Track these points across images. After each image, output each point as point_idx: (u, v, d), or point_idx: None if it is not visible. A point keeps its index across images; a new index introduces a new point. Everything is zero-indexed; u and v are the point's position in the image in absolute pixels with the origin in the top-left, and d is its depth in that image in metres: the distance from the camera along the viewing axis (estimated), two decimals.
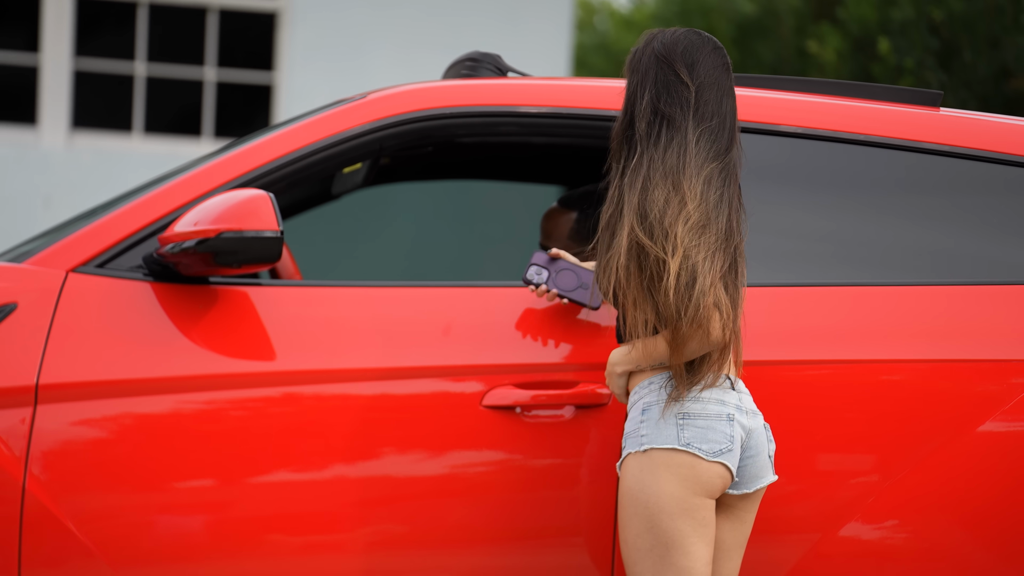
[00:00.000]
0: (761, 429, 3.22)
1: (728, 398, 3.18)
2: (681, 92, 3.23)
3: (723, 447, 3.14)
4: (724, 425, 3.15)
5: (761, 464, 3.21)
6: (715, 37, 3.29)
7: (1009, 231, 3.62)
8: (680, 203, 3.14)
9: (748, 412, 3.20)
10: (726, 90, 3.27)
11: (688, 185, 3.15)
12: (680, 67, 3.24)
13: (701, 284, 3.10)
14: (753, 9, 13.29)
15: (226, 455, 3.37)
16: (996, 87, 8.83)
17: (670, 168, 3.17)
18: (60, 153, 9.31)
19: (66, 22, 9.34)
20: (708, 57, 3.27)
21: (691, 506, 3.13)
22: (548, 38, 9.64)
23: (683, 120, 3.20)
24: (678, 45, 3.27)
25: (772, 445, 3.25)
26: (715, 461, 3.13)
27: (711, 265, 3.12)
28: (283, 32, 9.55)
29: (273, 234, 3.31)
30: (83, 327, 3.38)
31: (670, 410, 3.15)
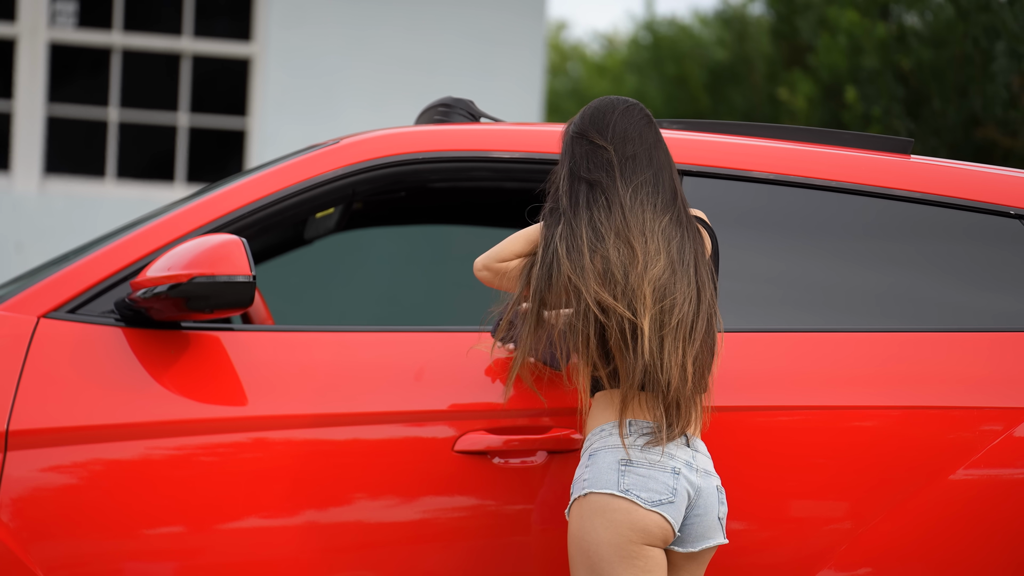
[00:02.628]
0: (713, 490, 3.20)
1: (679, 453, 3.17)
2: (601, 155, 3.26)
3: (663, 498, 3.13)
4: (667, 476, 3.14)
5: (708, 524, 3.19)
6: (637, 101, 3.34)
7: (981, 278, 3.64)
8: (641, 262, 3.16)
9: (699, 471, 3.19)
10: (652, 143, 3.29)
11: (640, 244, 3.17)
12: (593, 133, 3.28)
13: (669, 346, 3.12)
14: (725, 56, 13.37)
15: (196, 501, 3.35)
16: (965, 135, 8.89)
17: (619, 229, 3.19)
18: (33, 198, 9.29)
19: (40, 68, 9.34)
20: (621, 117, 3.29)
21: (631, 553, 3.11)
22: (521, 84, 9.67)
23: (610, 181, 3.23)
24: (586, 115, 3.32)
25: (724, 508, 3.22)
26: (653, 510, 3.12)
27: (679, 327, 3.14)
28: (256, 78, 9.57)
29: (245, 279, 3.31)
30: (54, 373, 3.37)
31: (613, 455, 3.14)
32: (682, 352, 3.15)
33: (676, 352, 3.13)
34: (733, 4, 13.92)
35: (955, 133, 8.90)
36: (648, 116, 3.33)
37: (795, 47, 11.96)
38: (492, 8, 9.68)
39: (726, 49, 13.46)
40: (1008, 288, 3.61)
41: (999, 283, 3.63)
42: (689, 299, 3.17)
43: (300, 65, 9.44)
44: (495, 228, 5.10)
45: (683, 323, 3.16)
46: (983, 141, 8.77)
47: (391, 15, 9.52)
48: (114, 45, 9.51)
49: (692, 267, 3.19)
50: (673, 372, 3.13)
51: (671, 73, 13.95)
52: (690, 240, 3.23)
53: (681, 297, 3.16)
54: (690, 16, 15.58)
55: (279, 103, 9.44)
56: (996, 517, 3.44)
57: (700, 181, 3.65)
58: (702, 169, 3.66)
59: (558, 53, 20.80)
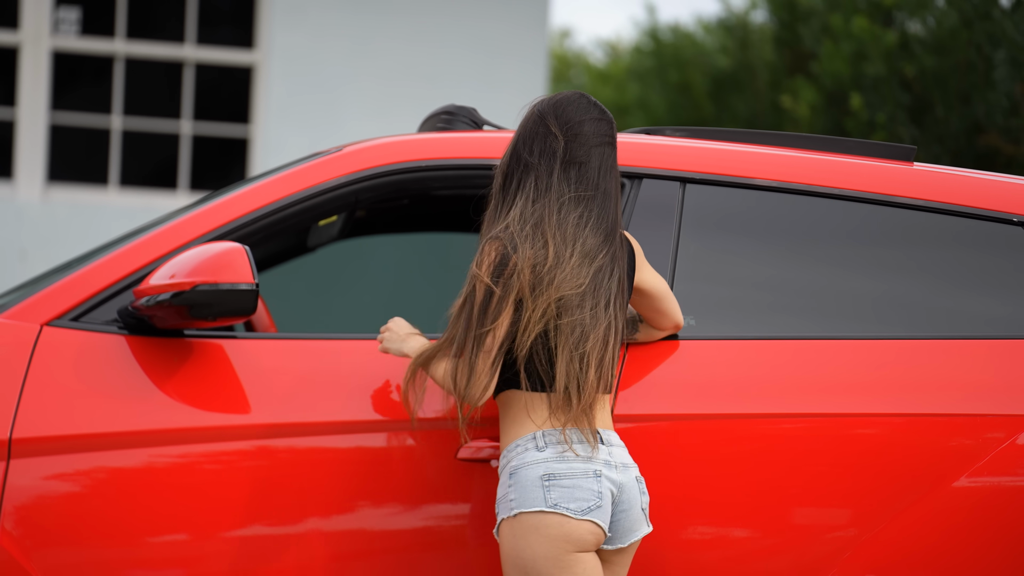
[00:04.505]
0: (633, 483, 3.21)
1: (596, 454, 3.18)
2: (548, 142, 3.26)
3: (591, 504, 3.14)
4: (591, 482, 3.15)
5: (634, 518, 3.21)
6: (602, 106, 3.34)
7: (984, 286, 3.64)
8: (551, 262, 3.16)
9: (618, 466, 3.19)
10: (607, 165, 3.28)
11: (556, 245, 3.17)
12: (551, 119, 3.28)
13: (572, 355, 3.15)
14: (728, 63, 13.37)
15: (200, 509, 3.35)
16: (968, 142, 8.90)
17: (538, 221, 3.20)
18: (36, 206, 9.30)
19: (43, 76, 9.35)
20: (589, 122, 3.27)
21: (567, 563, 3.12)
22: (523, 93, 9.67)
23: (547, 171, 3.24)
24: (557, 101, 3.31)
25: (645, 497, 3.23)
26: (584, 519, 3.13)
27: (581, 339, 3.15)
28: (259, 86, 9.57)
29: (248, 287, 3.31)
30: (57, 381, 3.37)
31: (535, 471, 3.15)
32: (584, 359, 3.15)
33: (575, 361, 3.14)
34: (736, 11, 13.93)
35: (958, 140, 8.90)
36: (612, 138, 3.30)
37: (798, 54, 11.97)
38: (495, 18, 9.69)
39: (729, 56, 13.47)
40: (1011, 295, 3.61)
41: (1002, 290, 3.63)
42: (594, 324, 3.17)
43: (303, 73, 9.45)
44: None
45: (584, 336, 3.16)
46: (986, 148, 8.77)
47: (394, 24, 9.52)
48: (117, 53, 9.52)
49: (606, 298, 3.19)
50: (581, 379, 3.14)
51: (674, 80, 13.96)
52: (613, 273, 3.22)
53: (588, 320, 3.16)
54: (693, 23, 15.59)
55: (282, 111, 9.45)
56: (999, 524, 3.44)
57: (703, 189, 3.65)
58: (705, 177, 3.66)
59: (561, 61, 20.82)
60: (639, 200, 3.62)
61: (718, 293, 3.60)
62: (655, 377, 3.48)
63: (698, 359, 3.51)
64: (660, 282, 3.42)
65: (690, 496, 3.42)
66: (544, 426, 3.18)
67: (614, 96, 17.03)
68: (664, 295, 3.42)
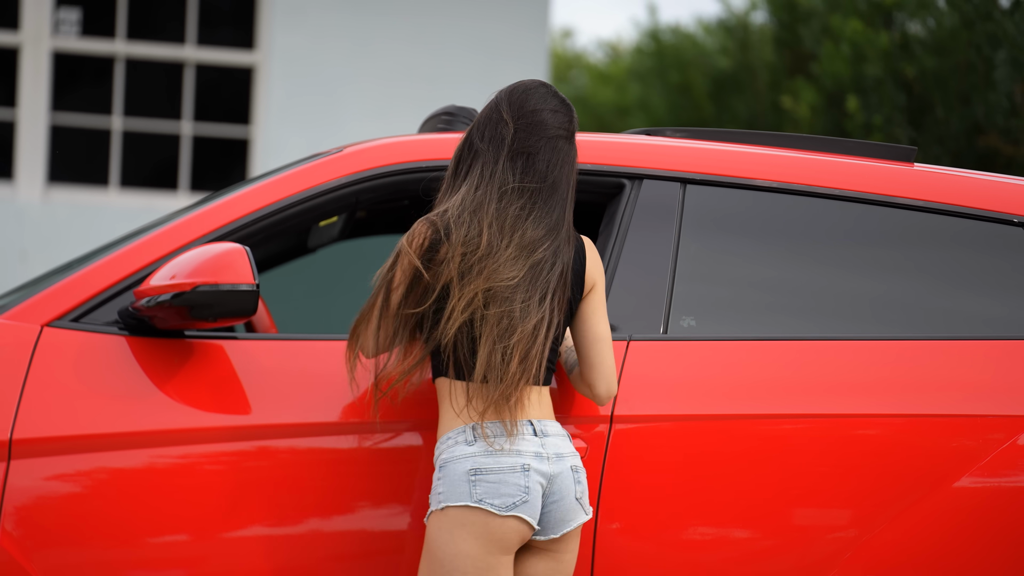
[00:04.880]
0: (567, 472, 3.20)
1: (526, 447, 3.17)
2: (499, 129, 3.25)
3: (516, 500, 3.14)
4: (517, 477, 3.15)
5: (567, 507, 3.20)
6: (563, 96, 3.30)
7: (984, 286, 3.64)
8: (483, 251, 3.16)
9: (550, 458, 3.19)
10: (560, 157, 3.25)
11: (491, 235, 3.17)
12: (505, 105, 3.27)
13: (497, 345, 3.16)
14: (729, 64, 13.38)
15: (200, 510, 3.35)
16: (968, 143, 8.90)
17: (476, 208, 3.19)
18: (36, 207, 9.30)
19: (43, 77, 9.35)
20: (548, 113, 3.26)
21: (485, 565, 3.12)
22: None
23: (492, 157, 3.23)
24: (516, 89, 3.30)
25: (580, 487, 3.21)
26: (508, 515, 3.13)
27: (508, 330, 3.15)
28: (259, 86, 9.58)
29: (249, 287, 3.31)
30: (58, 381, 3.37)
31: (463, 466, 3.15)
32: (506, 351, 3.14)
33: (497, 352, 3.14)
34: (736, 12, 13.93)
35: (958, 141, 8.90)
36: (569, 131, 3.28)
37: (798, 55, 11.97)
38: (495, 19, 9.69)
39: (729, 57, 13.47)
40: (1011, 296, 3.62)
41: (1002, 291, 3.63)
42: (524, 317, 3.15)
43: (303, 74, 9.45)
44: None
45: (511, 328, 3.15)
46: (986, 149, 8.77)
47: (395, 25, 9.53)
48: (117, 54, 9.52)
49: (542, 291, 3.17)
50: (501, 371, 3.14)
51: (675, 81, 13.97)
52: (554, 267, 3.19)
53: (519, 313, 3.15)
54: (694, 24, 15.59)
55: (282, 112, 9.45)
56: (1000, 525, 3.44)
57: (704, 189, 3.65)
58: (705, 177, 3.66)
59: (562, 61, 20.82)
60: (639, 201, 3.62)
61: (718, 293, 3.60)
62: (656, 377, 3.48)
63: (699, 360, 3.51)
64: (603, 325, 3.30)
65: (690, 496, 3.42)
66: (462, 415, 3.19)
67: (615, 97, 17.02)
68: (599, 338, 3.29)
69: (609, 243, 3.60)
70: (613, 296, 3.54)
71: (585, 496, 3.23)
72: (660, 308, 3.55)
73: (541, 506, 3.17)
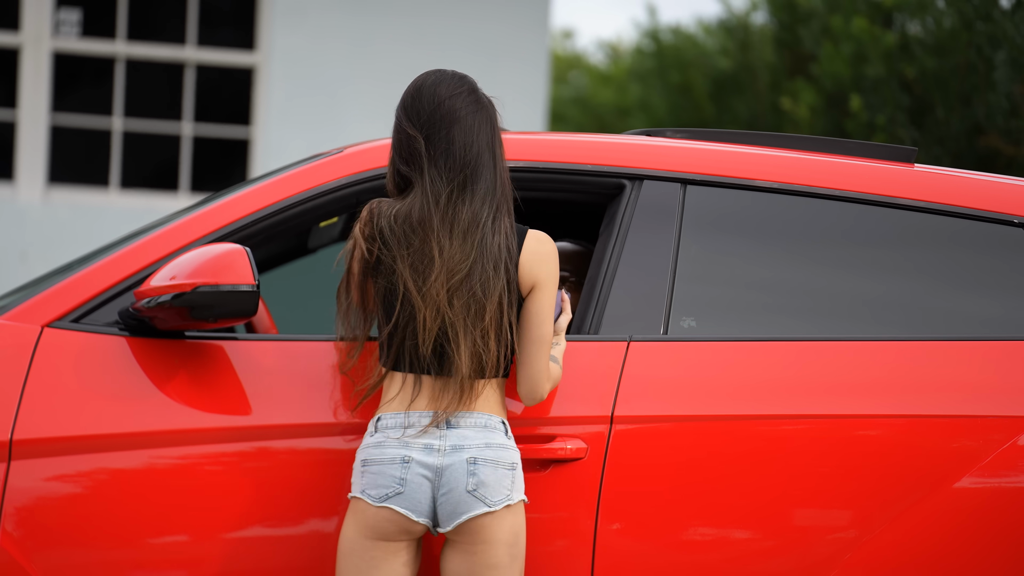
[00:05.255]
0: (460, 464, 3.20)
1: (418, 440, 3.21)
2: (412, 145, 3.29)
3: (390, 491, 3.19)
4: (395, 469, 3.19)
5: (457, 499, 3.19)
6: (466, 74, 3.34)
7: (985, 287, 3.64)
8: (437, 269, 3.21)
9: (444, 450, 3.20)
10: (475, 136, 3.27)
11: (433, 246, 3.20)
12: (405, 121, 3.31)
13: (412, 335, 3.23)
14: (729, 65, 13.38)
15: (201, 510, 3.35)
16: (969, 144, 8.90)
17: (420, 223, 3.23)
18: (37, 208, 9.30)
19: (43, 77, 9.36)
20: (446, 100, 3.30)
21: (359, 547, 3.20)
22: (524, 94, 9.68)
23: (418, 175, 3.26)
24: (405, 96, 3.34)
25: (475, 478, 3.19)
26: (381, 506, 3.18)
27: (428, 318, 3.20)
28: (260, 87, 9.58)
29: (249, 288, 3.31)
30: (58, 382, 3.37)
31: (359, 456, 3.24)
32: (484, 332, 3.19)
33: (477, 338, 3.19)
34: (736, 13, 13.93)
35: (958, 142, 8.90)
36: (474, 104, 3.31)
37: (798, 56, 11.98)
38: (496, 20, 9.69)
39: (730, 58, 13.47)
40: (1012, 296, 3.62)
41: (1003, 292, 3.63)
42: (487, 294, 3.19)
43: (304, 74, 9.45)
44: None
45: (480, 308, 3.19)
46: (986, 150, 8.77)
47: (395, 26, 9.53)
48: (118, 54, 9.52)
49: (497, 262, 3.21)
50: (479, 356, 3.20)
51: (675, 82, 13.97)
52: (496, 234, 3.22)
53: (480, 290, 3.19)
54: (694, 25, 15.60)
55: (283, 112, 9.46)
56: (1001, 525, 3.44)
57: (704, 190, 3.65)
58: (706, 178, 3.66)
59: (562, 62, 20.82)
60: (640, 201, 3.62)
61: (719, 294, 3.60)
62: (656, 378, 3.48)
63: (699, 360, 3.51)
64: (546, 327, 3.29)
65: (690, 497, 3.42)
66: (387, 407, 3.23)
67: (615, 97, 17.03)
68: (533, 340, 3.28)
69: (609, 244, 3.60)
70: (613, 297, 3.54)
71: (481, 489, 3.20)
72: (660, 309, 3.55)
73: (432, 498, 3.19)
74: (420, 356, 3.22)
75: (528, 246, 3.29)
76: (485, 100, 3.34)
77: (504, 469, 3.22)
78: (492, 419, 3.24)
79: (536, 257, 3.30)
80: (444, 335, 3.21)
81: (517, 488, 3.23)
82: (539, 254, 3.30)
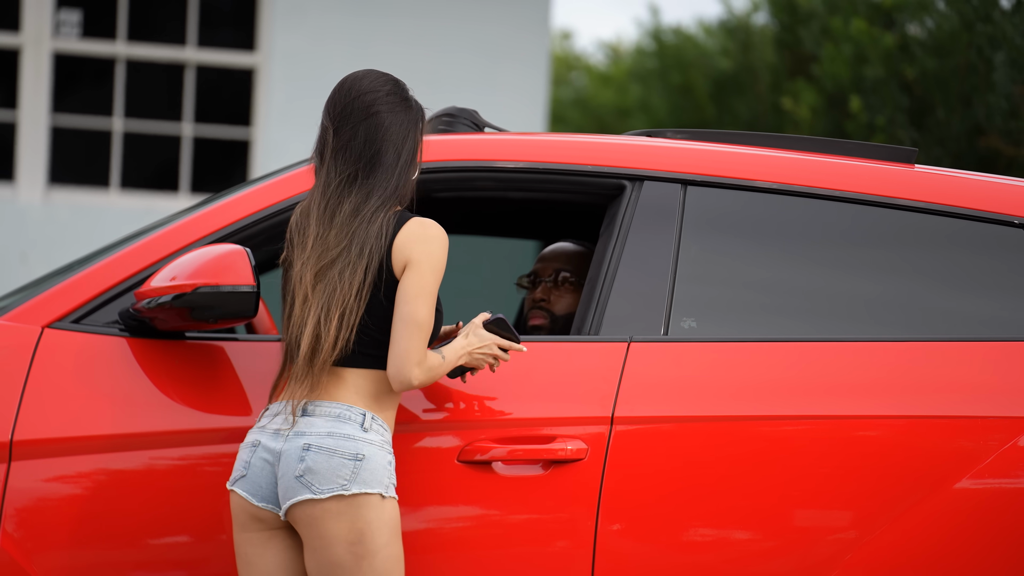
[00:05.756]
0: (295, 450, 3.15)
1: (271, 424, 3.21)
2: (323, 135, 3.32)
3: (237, 475, 3.21)
4: (245, 453, 3.22)
5: (287, 485, 3.16)
6: (398, 79, 3.35)
7: (985, 288, 3.64)
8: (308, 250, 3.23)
9: (289, 435, 3.18)
10: (381, 135, 3.27)
11: (309, 233, 3.23)
12: (325, 111, 3.34)
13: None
14: (730, 65, 13.38)
15: (201, 511, 3.35)
16: (969, 144, 8.90)
17: (329, 213, 3.24)
18: (37, 208, 9.30)
19: (44, 78, 9.36)
20: (360, 96, 3.31)
21: (238, 539, 3.22)
22: (525, 96, 9.68)
23: (320, 164, 3.29)
24: (334, 87, 3.35)
25: (303, 464, 3.14)
26: (232, 489, 3.22)
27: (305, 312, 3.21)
28: (260, 88, 9.58)
29: (250, 289, 3.31)
30: (58, 383, 3.37)
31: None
32: (328, 316, 3.17)
33: (320, 323, 3.18)
34: (737, 14, 13.94)
35: (959, 143, 8.90)
36: (390, 104, 3.31)
37: (799, 57, 11.98)
38: (496, 22, 9.69)
39: (730, 59, 13.48)
40: (1012, 297, 3.62)
41: (1003, 292, 3.63)
42: (344, 280, 3.18)
43: (304, 75, 9.45)
44: (499, 238, 5.11)
45: (333, 292, 3.18)
46: (987, 151, 8.77)
47: (395, 27, 9.53)
48: (118, 55, 9.52)
49: (363, 247, 3.18)
50: (294, 351, 3.20)
51: (675, 82, 13.97)
52: (372, 223, 3.20)
53: (338, 276, 3.18)
54: (695, 25, 15.59)
55: (283, 113, 9.46)
56: (1001, 526, 3.44)
57: (704, 191, 3.65)
58: (706, 179, 3.66)
59: (562, 63, 20.82)
60: (640, 202, 3.62)
61: (719, 295, 3.60)
62: (657, 379, 3.48)
63: (699, 361, 3.51)
64: (412, 306, 3.18)
65: (691, 498, 3.42)
66: (281, 397, 3.24)
67: (615, 98, 17.03)
68: (401, 318, 3.18)
69: (610, 244, 3.60)
70: (614, 297, 3.54)
71: (308, 475, 3.14)
72: (661, 309, 3.55)
73: (275, 483, 3.18)
74: (292, 343, 3.22)
75: (405, 229, 3.23)
76: (413, 104, 3.33)
77: (342, 459, 3.12)
78: (350, 410, 3.17)
79: (410, 238, 3.22)
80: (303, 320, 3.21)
81: (361, 481, 3.12)
82: (413, 235, 3.22)
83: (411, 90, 3.35)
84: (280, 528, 3.20)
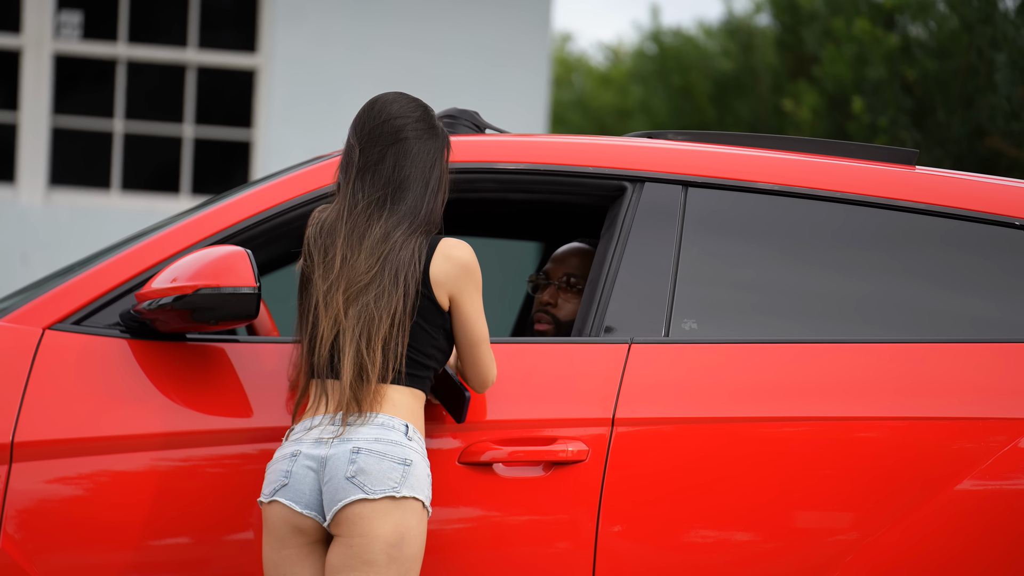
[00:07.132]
0: (344, 454, 3.16)
1: (311, 435, 3.21)
2: (349, 154, 3.32)
3: (276, 485, 3.19)
4: (284, 463, 3.20)
5: (336, 486, 3.16)
6: (427, 104, 3.36)
7: (986, 289, 3.64)
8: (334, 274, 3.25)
9: (332, 442, 3.19)
10: (411, 160, 3.29)
11: (336, 257, 3.23)
12: (352, 129, 3.34)
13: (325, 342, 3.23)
14: (730, 67, 13.38)
15: (202, 512, 3.35)
16: (970, 146, 8.90)
17: (330, 230, 3.27)
18: (38, 210, 9.31)
19: (45, 80, 9.36)
20: (390, 118, 3.32)
21: (275, 557, 3.20)
22: (525, 98, 9.68)
23: (345, 183, 3.29)
24: (363, 106, 3.35)
25: (355, 465, 3.15)
26: (271, 501, 3.19)
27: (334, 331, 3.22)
28: (261, 89, 9.58)
29: (250, 290, 3.31)
30: (59, 384, 3.37)
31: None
32: (370, 342, 3.19)
33: (361, 346, 3.19)
34: (738, 15, 13.94)
35: (960, 144, 8.90)
36: (419, 131, 3.33)
37: (800, 58, 11.98)
38: (497, 24, 9.69)
39: (731, 60, 13.48)
40: (1013, 299, 3.62)
41: (1004, 294, 3.63)
42: (381, 305, 3.20)
43: (305, 76, 9.46)
44: (500, 239, 5.11)
45: (370, 319, 3.20)
46: (988, 152, 8.77)
47: (396, 29, 9.53)
48: (119, 56, 9.52)
49: (396, 273, 3.21)
50: (367, 363, 3.20)
51: (676, 84, 13.97)
52: (403, 249, 3.23)
53: (374, 301, 3.20)
54: (695, 27, 15.60)
55: (284, 114, 9.46)
56: (1001, 527, 3.44)
57: (705, 192, 3.65)
58: (707, 180, 3.66)
59: (562, 65, 20.82)
60: (641, 204, 3.62)
61: (720, 296, 3.60)
62: (658, 380, 3.48)
63: (700, 362, 3.51)
64: (480, 324, 3.32)
65: (691, 499, 3.42)
66: (300, 415, 3.25)
67: (616, 99, 17.03)
68: (474, 343, 3.32)
69: (610, 246, 3.60)
70: (614, 299, 3.54)
71: (359, 476, 3.15)
72: (661, 311, 3.55)
73: (318, 489, 3.17)
74: (321, 362, 3.22)
75: (436, 260, 3.27)
76: (440, 131, 3.36)
77: (392, 462, 3.16)
78: (393, 420, 3.21)
79: (444, 275, 3.28)
80: (337, 341, 3.22)
81: (409, 486, 3.16)
82: (447, 272, 3.28)
83: (436, 117, 3.40)
84: (318, 542, 3.21)
